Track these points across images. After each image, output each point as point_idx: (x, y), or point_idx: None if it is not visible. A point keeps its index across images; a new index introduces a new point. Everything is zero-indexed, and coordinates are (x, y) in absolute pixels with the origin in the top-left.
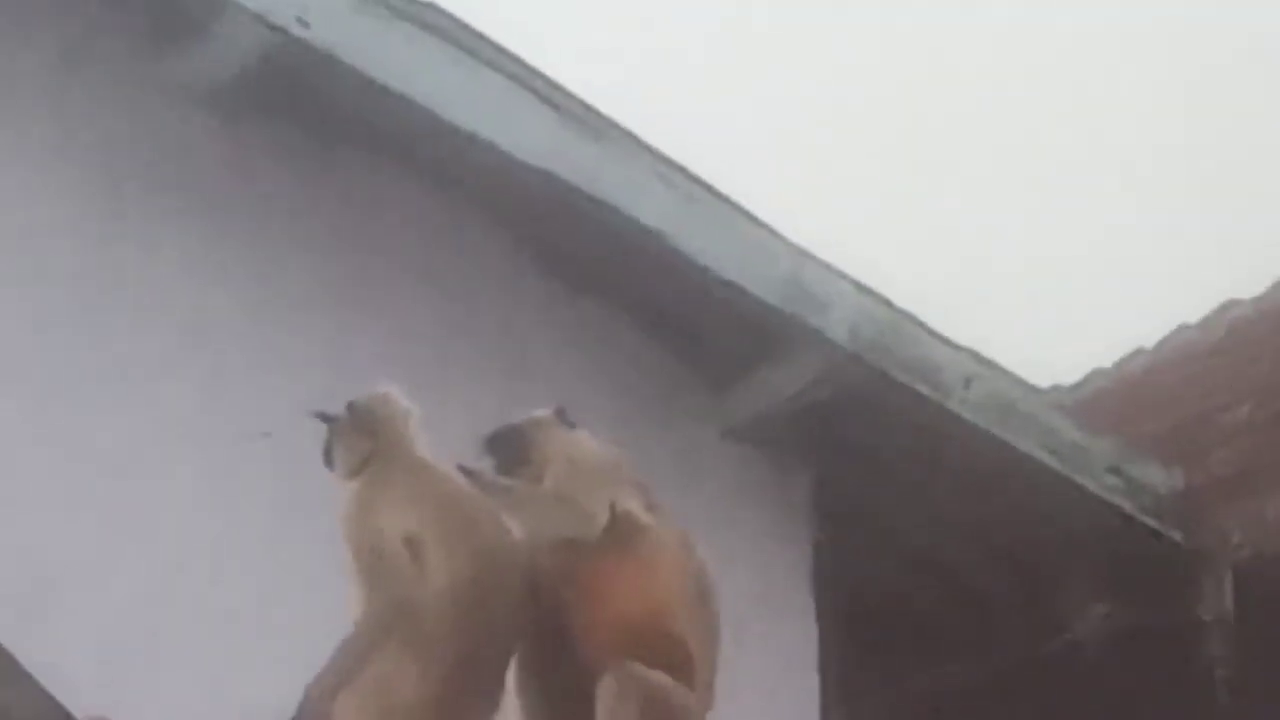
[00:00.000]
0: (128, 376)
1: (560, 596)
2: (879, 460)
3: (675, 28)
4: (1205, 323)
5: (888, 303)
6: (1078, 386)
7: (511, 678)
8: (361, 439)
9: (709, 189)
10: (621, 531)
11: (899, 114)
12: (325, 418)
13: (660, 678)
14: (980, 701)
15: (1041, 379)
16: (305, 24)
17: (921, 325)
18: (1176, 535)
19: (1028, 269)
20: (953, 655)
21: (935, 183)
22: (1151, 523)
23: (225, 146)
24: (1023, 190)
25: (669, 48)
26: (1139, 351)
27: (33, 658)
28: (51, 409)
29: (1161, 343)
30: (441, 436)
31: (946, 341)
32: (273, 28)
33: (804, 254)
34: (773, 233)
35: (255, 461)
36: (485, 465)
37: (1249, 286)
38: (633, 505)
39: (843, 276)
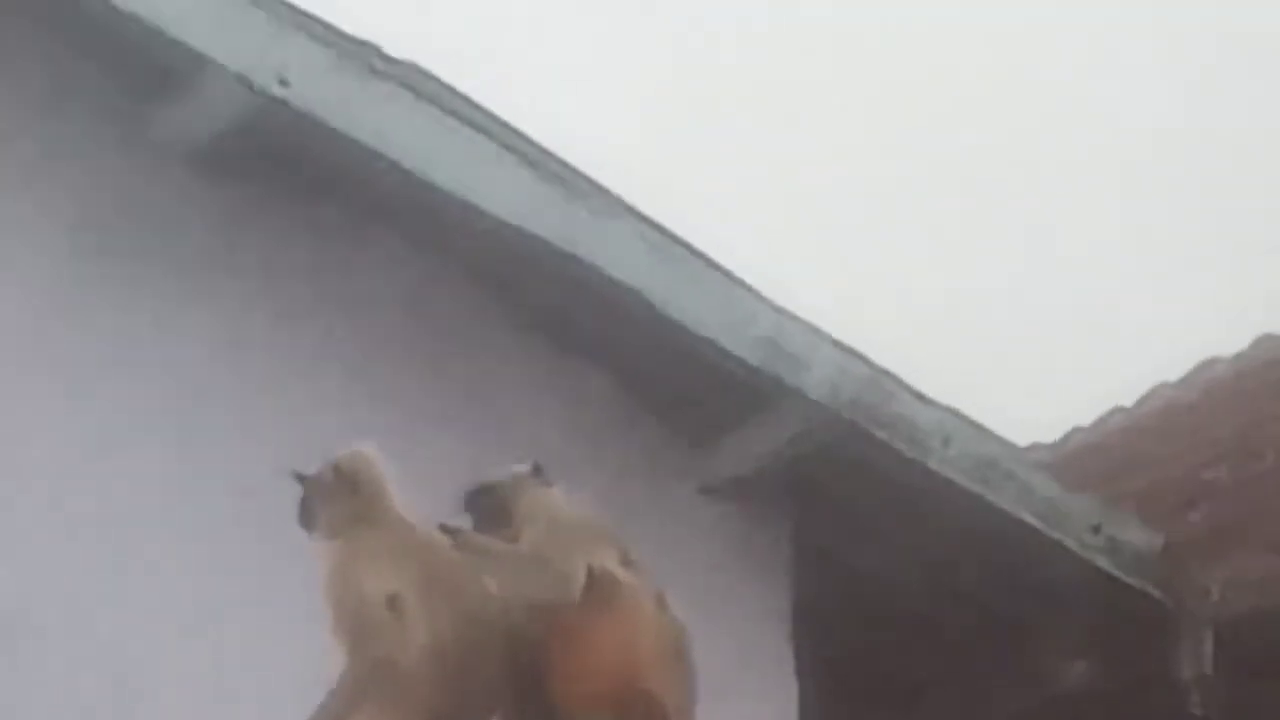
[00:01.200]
0: (104, 434)
1: (537, 655)
2: (859, 518)
3: (652, 88)
4: (1184, 381)
5: (867, 361)
6: (1057, 445)
7: None
8: (336, 498)
9: (688, 247)
10: (598, 590)
11: (878, 173)
12: (302, 478)
13: None
14: None
15: (1021, 437)
16: (285, 84)
17: (901, 383)
18: (1156, 593)
19: (1007, 327)
20: (932, 712)
21: (915, 241)
22: (1132, 581)
23: (204, 206)
24: (1003, 249)
25: (646, 108)
26: (1118, 410)
27: (2, 704)
28: (28, 464)
29: (1141, 401)
30: (419, 495)
31: (926, 400)
32: (253, 88)
33: (783, 312)
34: (751, 291)
35: (232, 519)
36: (464, 522)
37: (1227, 345)
38: (610, 563)
39: (822, 335)
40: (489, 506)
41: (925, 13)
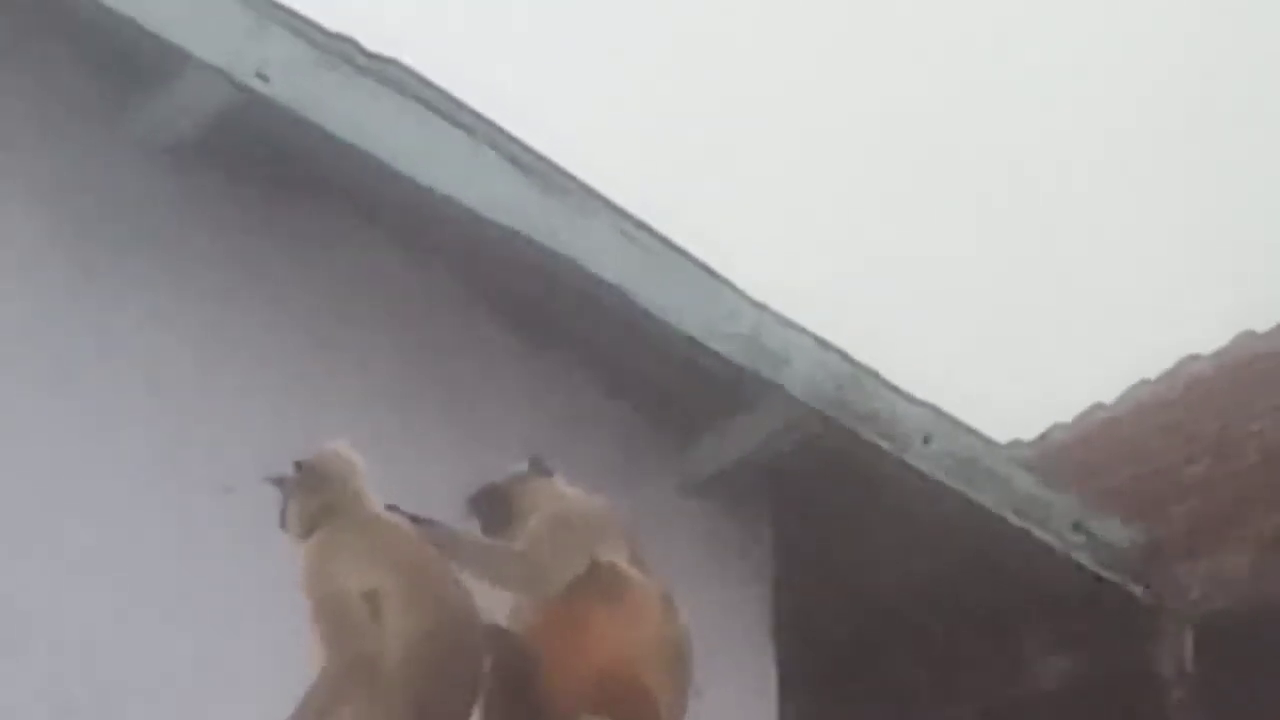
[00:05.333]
0: (87, 427)
1: (535, 646)
2: (839, 514)
3: (636, 87)
4: (1165, 377)
5: (848, 357)
6: (1038, 441)
7: None
8: (311, 497)
9: (669, 244)
10: (604, 582)
11: (860, 168)
12: (280, 482)
13: None
14: None
15: (1001, 434)
16: (266, 79)
17: (881, 380)
18: (1137, 590)
19: (988, 324)
20: (912, 706)
21: (896, 237)
22: (1112, 577)
23: (186, 200)
24: (983, 246)
25: (628, 105)
26: (1098, 406)
27: None
28: (9, 456)
29: (1121, 397)
30: (398, 489)
31: (906, 396)
32: (234, 83)
33: (764, 309)
34: (733, 288)
35: (212, 513)
36: (471, 526)
37: (1208, 342)
38: (618, 557)
39: (803, 331)
40: (493, 508)
41: None
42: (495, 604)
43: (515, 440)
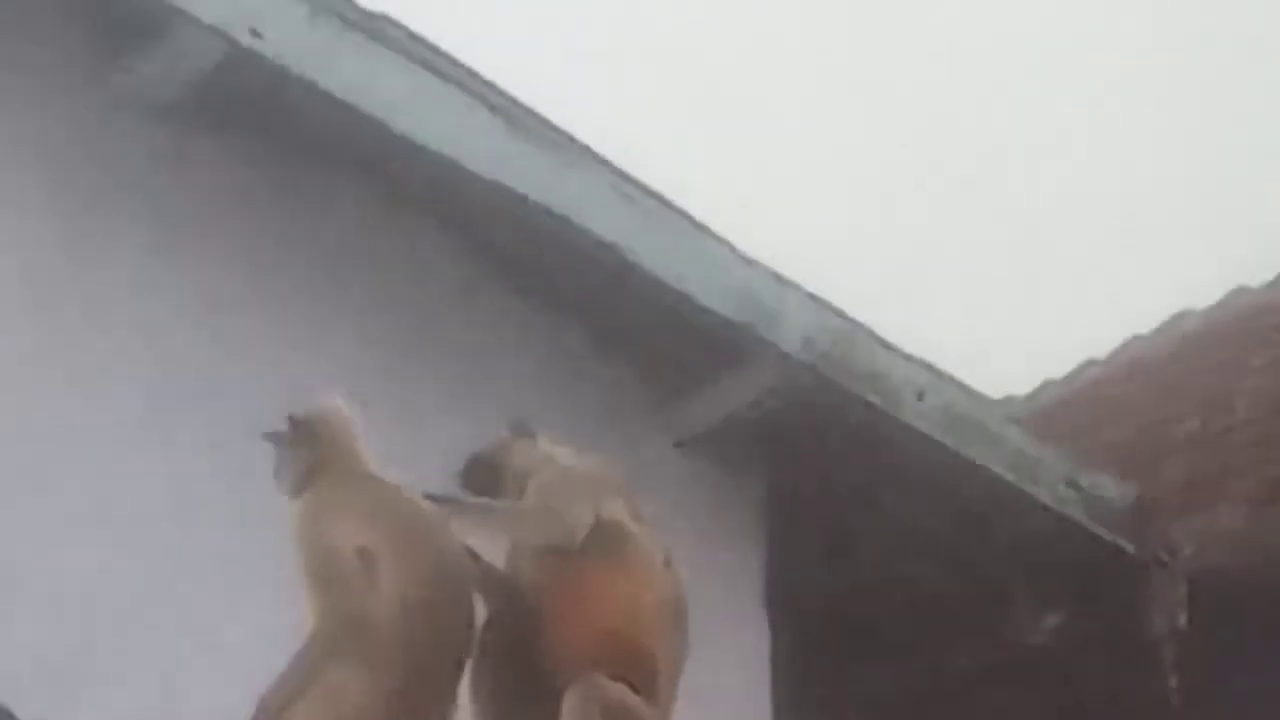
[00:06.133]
0: (78, 385)
1: (536, 604)
2: (832, 471)
3: (628, 41)
4: (1157, 334)
5: (841, 314)
6: (1030, 398)
7: (467, 688)
8: (303, 452)
9: (663, 201)
10: (607, 538)
11: (851, 129)
12: (275, 438)
13: (626, 694)
14: (933, 709)
15: (994, 390)
16: (258, 35)
17: (874, 336)
18: (1129, 546)
19: (982, 280)
20: (905, 663)
21: (889, 195)
22: (1105, 533)
23: (177, 158)
24: (976, 201)
25: (623, 62)
26: (1091, 362)
27: None
28: (0, 417)
29: (1114, 354)
30: (391, 447)
31: (899, 353)
32: (226, 39)
33: (757, 265)
34: (726, 244)
35: (207, 471)
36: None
37: (1201, 297)
38: (621, 514)
39: (796, 288)
40: (481, 477)
41: None
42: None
43: (507, 397)
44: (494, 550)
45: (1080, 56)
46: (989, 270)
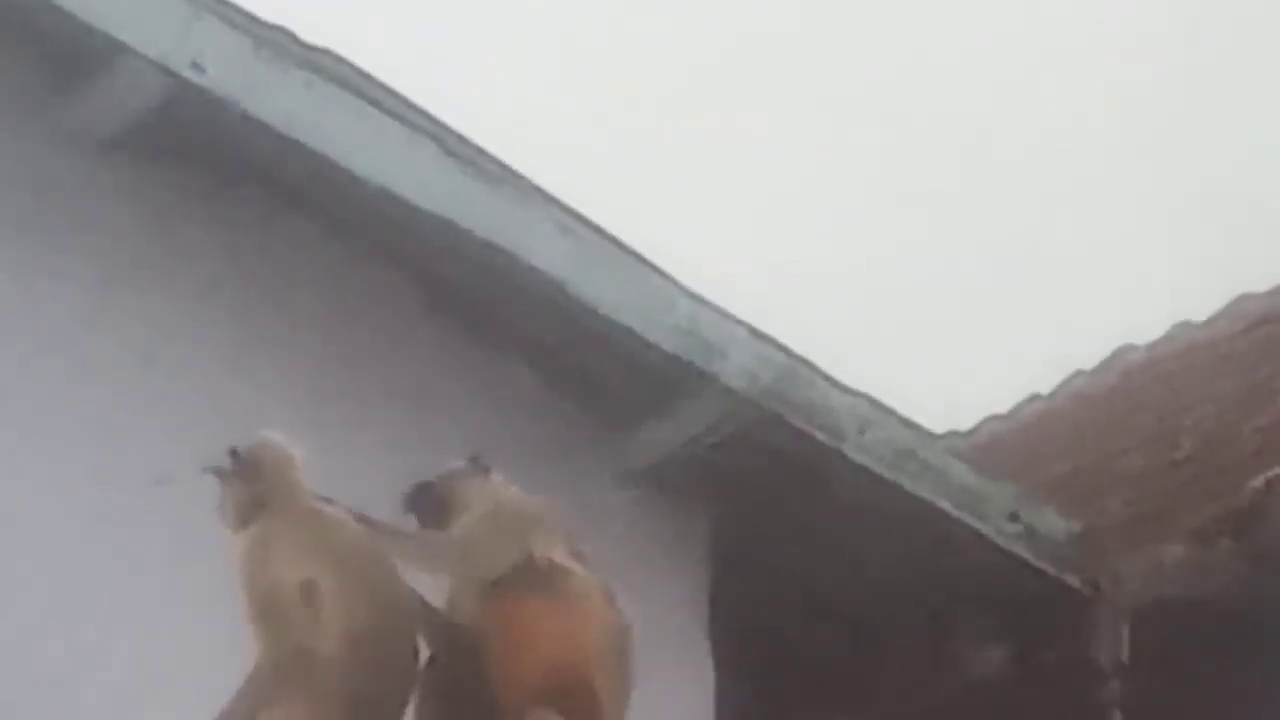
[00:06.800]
0: (22, 423)
1: (476, 639)
2: (776, 506)
3: (572, 77)
4: (1101, 369)
5: (784, 349)
6: (974, 432)
7: None
8: (244, 487)
9: (606, 235)
10: (543, 575)
11: (796, 165)
12: (217, 472)
13: None
14: None
15: (938, 424)
16: (201, 69)
17: (818, 371)
18: (1074, 581)
19: (925, 315)
20: (850, 699)
21: (832, 230)
22: (1048, 568)
23: (121, 193)
24: (919, 237)
25: (567, 98)
26: (1035, 397)
27: None
28: None
29: (1057, 388)
30: (335, 480)
31: (842, 387)
32: (169, 73)
33: (700, 300)
34: (669, 279)
35: (149, 507)
36: (407, 522)
37: (1144, 332)
38: (556, 552)
39: (739, 323)
40: (428, 504)
41: None
42: (436, 598)
43: (451, 432)
44: (424, 581)
45: (1026, 93)
46: (932, 306)
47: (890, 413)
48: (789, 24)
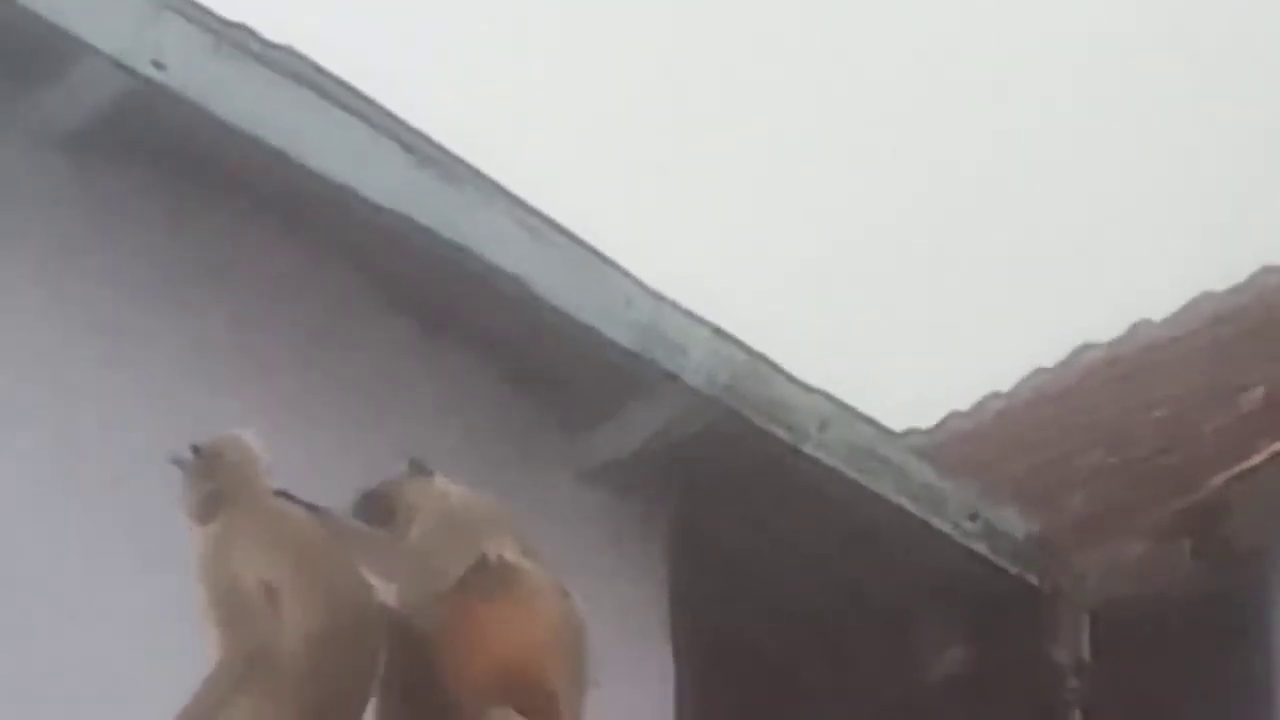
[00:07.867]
0: None
1: (431, 641)
2: (736, 504)
3: (533, 76)
4: (1060, 367)
5: (744, 346)
6: (934, 430)
7: None
8: (205, 482)
9: (567, 234)
10: (494, 578)
11: (757, 164)
12: (180, 463)
13: None
14: None
15: (898, 422)
16: (161, 66)
17: (777, 369)
18: (1033, 579)
19: (885, 312)
20: (810, 698)
21: (792, 227)
22: (1008, 566)
23: (80, 191)
24: (880, 235)
25: (528, 95)
26: (994, 395)
27: None
28: None
29: (1017, 386)
30: (294, 480)
31: (802, 385)
32: (129, 71)
33: (660, 298)
34: (629, 277)
35: (106, 507)
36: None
37: (1103, 331)
38: (508, 552)
39: (699, 321)
40: (374, 511)
41: None
42: (391, 597)
43: (409, 428)
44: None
45: (987, 89)
46: (893, 302)
47: (850, 410)
48: (743, 16)
